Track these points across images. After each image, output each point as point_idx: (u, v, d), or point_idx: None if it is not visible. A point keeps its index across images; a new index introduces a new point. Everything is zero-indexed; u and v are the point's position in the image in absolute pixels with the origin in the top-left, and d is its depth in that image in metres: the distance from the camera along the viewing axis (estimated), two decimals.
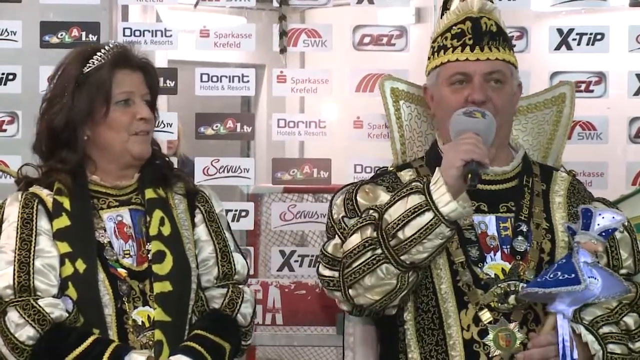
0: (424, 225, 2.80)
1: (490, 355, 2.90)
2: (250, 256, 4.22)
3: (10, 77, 4.06)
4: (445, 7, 3.12)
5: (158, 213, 2.99)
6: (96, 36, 4.05)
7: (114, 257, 2.93)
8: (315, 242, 5.12)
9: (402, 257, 2.84)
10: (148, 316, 2.91)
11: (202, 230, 3.06)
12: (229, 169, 4.13)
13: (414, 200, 2.82)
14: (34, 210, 2.93)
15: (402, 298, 2.92)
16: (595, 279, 2.81)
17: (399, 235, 2.82)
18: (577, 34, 4.05)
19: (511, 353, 2.89)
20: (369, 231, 2.88)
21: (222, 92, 4.14)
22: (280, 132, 4.13)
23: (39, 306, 2.82)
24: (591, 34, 4.05)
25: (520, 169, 3.09)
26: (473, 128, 2.87)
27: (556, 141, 3.31)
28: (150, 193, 3.01)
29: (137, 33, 4.09)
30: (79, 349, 2.81)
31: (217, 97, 4.21)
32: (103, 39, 4.01)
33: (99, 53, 2.97)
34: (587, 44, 4.05)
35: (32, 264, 2.87)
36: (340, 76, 4.18)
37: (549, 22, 4.17)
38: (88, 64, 2.96)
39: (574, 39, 4.05)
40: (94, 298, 2.87)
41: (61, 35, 4.06)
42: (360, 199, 3.03)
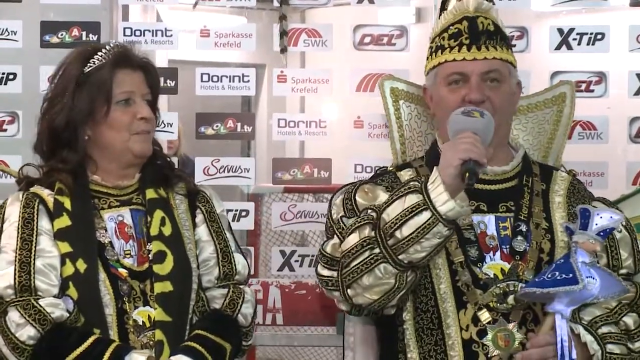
0: (422, 224, 2.80)
1: (489, 355, 2.89)
2: (250, 256, 4.22)
3: (10, 77, 4.06)
4: (443, 7, 3.12)
5: (159, 213, 2.99)
6: (96, 36, 4.05)
7: (115, 257, 2.93)
8: (315, 242, 5.11)
9: (400, 257, 2.84)
10: (149, 316, 2.91)
11: (203, 230, 3.06)
12: (230, 169, 4.12)
13: (412, 199, 2.82)
14: (35, 210, 2.93)
15: (401, 298, 2.92)
16: (593, 279, 2.81)
17: (397, 234, 2.82)
18: (578, 34, 4.05)
19: (510, 353, 2.89)
20: (367, 230, 2.88)
21: (223, 92, 4.13)
22: (280, 132, 4.13)
23: (40, 306, 2.82)
24: (591, 34, 4.04)
25: (520, 169, 3.09)
26: (471, 127, 2.86)
27: (556, 141, 3.31)
28: (151, 193, 3.01)
29: (138, 33, 4.09)
30: (80, 349, 2.81)
31: (218, 97, 4.21)
32: (103, 39, 4.01)
33: (100, 53, 2.97)
34: (588, 44, 4.05)
35: (33, 264, 2.87)
36: (340, 76, 4.17)
37: (550, 22, 4.17)
38: (89, 64, 2.96)
39: (575, 39, 4.05)
40: (95, 298, 2.87)
41: (61, 35, 4.05)
42: (359, 199, 3.02)
